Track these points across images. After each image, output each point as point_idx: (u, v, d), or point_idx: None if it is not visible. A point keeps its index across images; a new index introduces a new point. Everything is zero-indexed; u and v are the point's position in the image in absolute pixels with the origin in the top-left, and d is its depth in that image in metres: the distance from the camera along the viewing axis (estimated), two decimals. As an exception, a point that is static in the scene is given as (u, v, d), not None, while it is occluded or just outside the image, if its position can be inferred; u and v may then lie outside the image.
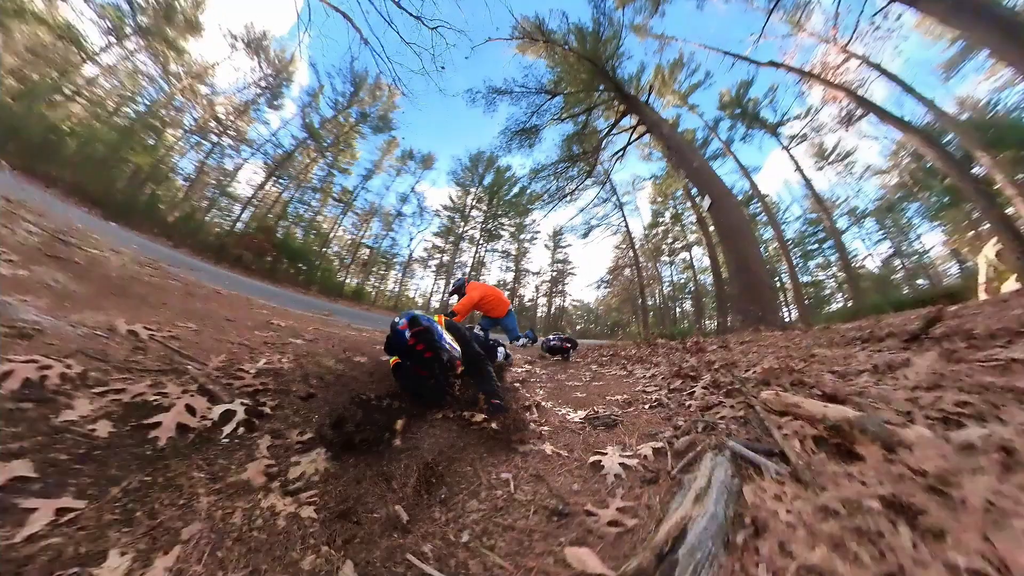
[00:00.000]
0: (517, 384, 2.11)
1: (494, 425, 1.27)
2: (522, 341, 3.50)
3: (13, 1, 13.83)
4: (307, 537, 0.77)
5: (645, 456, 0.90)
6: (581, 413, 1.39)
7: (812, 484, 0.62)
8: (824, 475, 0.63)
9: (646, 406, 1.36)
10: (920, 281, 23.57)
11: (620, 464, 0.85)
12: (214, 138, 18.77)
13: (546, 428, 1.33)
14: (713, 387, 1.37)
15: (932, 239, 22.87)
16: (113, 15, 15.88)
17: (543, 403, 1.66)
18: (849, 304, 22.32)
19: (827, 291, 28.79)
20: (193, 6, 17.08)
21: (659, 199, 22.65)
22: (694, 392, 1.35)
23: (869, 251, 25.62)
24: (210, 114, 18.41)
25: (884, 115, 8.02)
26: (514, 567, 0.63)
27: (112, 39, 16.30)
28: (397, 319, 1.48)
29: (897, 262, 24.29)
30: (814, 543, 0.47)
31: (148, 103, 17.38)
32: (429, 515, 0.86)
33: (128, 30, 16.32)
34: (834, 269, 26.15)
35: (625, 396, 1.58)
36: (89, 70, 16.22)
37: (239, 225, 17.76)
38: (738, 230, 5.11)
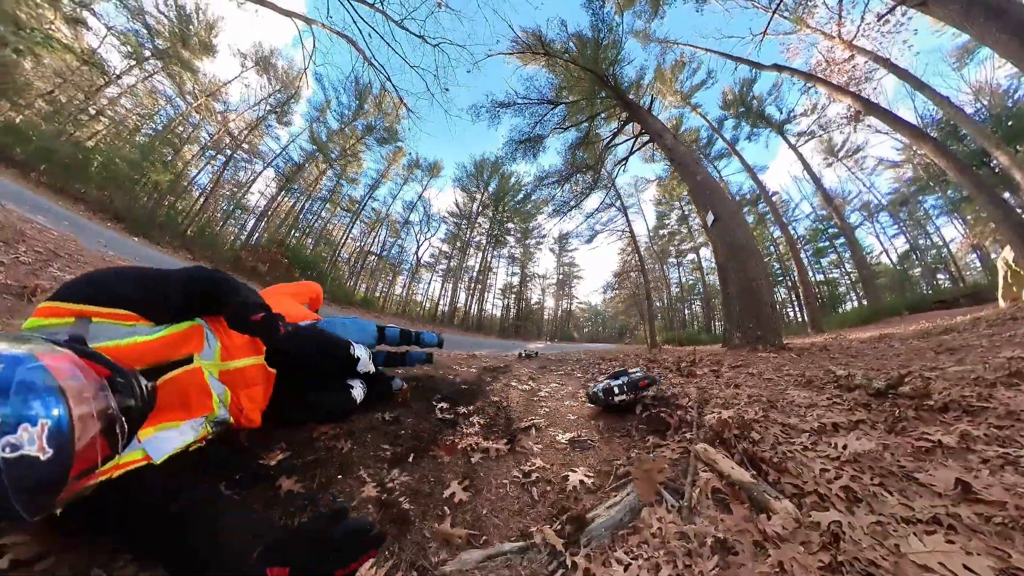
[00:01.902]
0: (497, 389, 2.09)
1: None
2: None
3: (41, 31, 14.72)
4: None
5: (596, 476, 1.22)
6: (569, 435, 1.56)
7: (686, 518, 0.88)
8: (700, 515, 0.89)
9: (618, 434, 1.57)
10: (940, 276, 22.78)
11: (580, 480, 1.15)
12: (228, 152, 19.48)
13: (539, 446, 1.44)
14: (677, 425, 1.58)
15: (951, 232, 22.17)
16: (133, 41, 16.76)
17: (538, 424, 1.71)
18: (864, 303, 21.73)
19: (842, 288, 28.09)
20: (206, 29, 17.83)
21: (664, 200, 22.47)
22: (657, 429, 1.57)
23: (884, 247, 24.96)
24: (224, 130, 19.12)
25: (893, 121, 7.83)
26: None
27: (132, 62, 17.20)
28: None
29: (914, 257, 23.54)
30: (658, 550, 0.77)
31: (166, 121, 18.22)
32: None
33: (147, 53, 17.18)
34: (847, 266, 25.54)
35: (605, 421, 1.76)
36: (111, 92, 17.17)
37: (254, 236, 18.35)
38: (742, 250, 4.96)
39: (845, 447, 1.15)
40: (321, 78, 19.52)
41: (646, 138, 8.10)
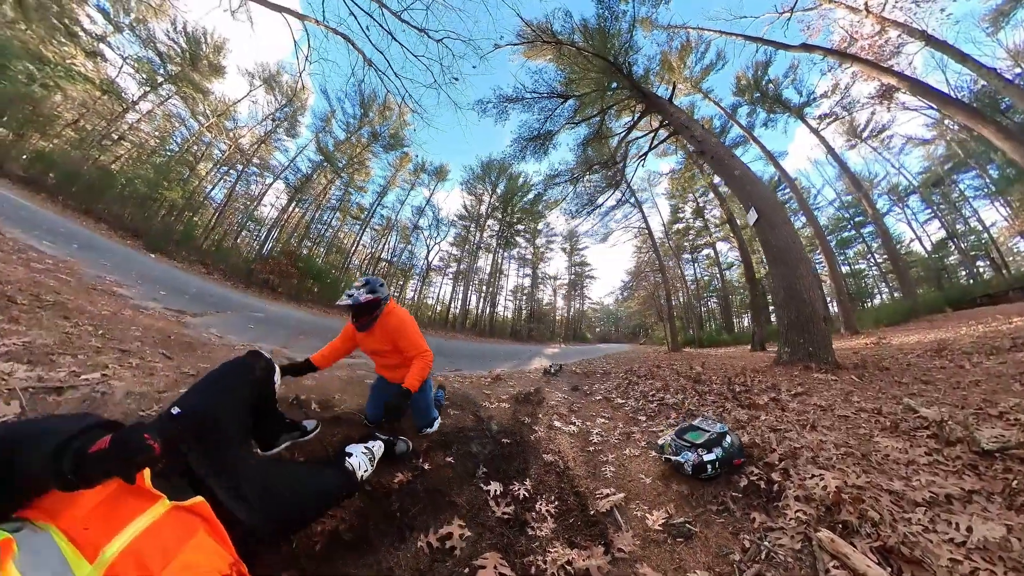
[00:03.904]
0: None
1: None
2: (436, 426, 1.77)
3: (63, 65, 15.47)
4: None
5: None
6: (659, 515, 1.31)
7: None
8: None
9: (713, 507, 1.33)
10: (980, 262, 21.06)
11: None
12: (239, 168, 19.96)
13: (636, 542, 1.16)
14: (780, 495, 1.35)
15: (991, 215, 20.44)
16: (147, 68, 17.46)
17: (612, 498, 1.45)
18: (896, 295, 20.35)
19: (868, 279, 26.41)
20: (215, 51, 18.36)
21: (677, 193, 21.68)
22: (758, 501, 1.34)
23: (916, 234, 23.31)
24: (234, 146, 19.60)
25: (946, 102, 7.07)
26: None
27: (147, 88, 17.90)
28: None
29: (951, 244, 21.85)
30: None
31: (181, 141, 18.85)
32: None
33: (160, 79, 17.86)
34: (876, 256, 23.99)
35: (687, 485, 1.54)
36: (131, 117, 17.96)
37: (268, 246, 18.68)
38: (789, 252, 4.45)
39: (970, 530, 1.03)
40: (326, 90, 19.78)
41: (669, 131, 7.60)
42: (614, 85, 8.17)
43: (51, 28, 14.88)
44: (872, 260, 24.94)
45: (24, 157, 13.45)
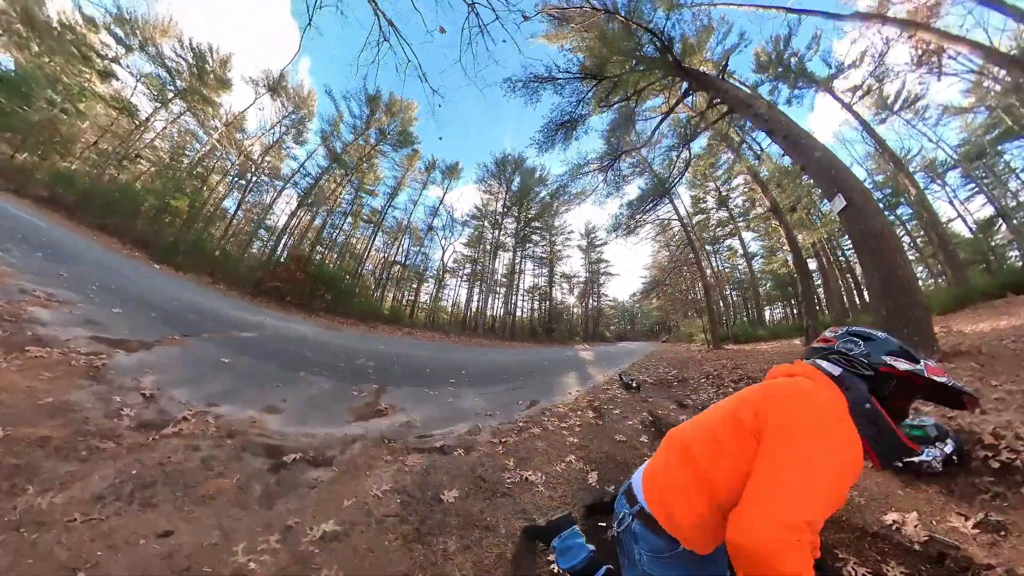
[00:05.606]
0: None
1: None
2: None
3: (78, 84, 15.73)
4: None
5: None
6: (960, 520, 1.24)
7: None
8: None
9: (986, 496, 1.31)
10: None
11: None
12: (250, 176, 20.00)
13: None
14: None
15: None
16: (157, 84, 17.70)
17: None
18: (940, 281, 18.76)
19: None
20: (221, 64, 18.46)
21: (699, 182, 20.63)
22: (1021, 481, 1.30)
23: (958, 211, 21.59)
24: (245, 156, 19.65)
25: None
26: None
27: (158, 104, 18.13)
28: None
29: (999, 220, 20.13)
30: None
31: (193, 155, 19.01)
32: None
33: (170, 94, 18.07)
34: (913, 238, 22.32)
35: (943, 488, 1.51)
36: (148, 136, 18.26)
37: (280, 251, 18.51)
38: (884, 242, 4.10)
39: None
40: (331, 91, 19.64)
41: (723, 110, 6.81)
42: (641, 68, 7.47)
43: (70, 55, 15.25)
44: (907, 242, 23.35)
45: (47, 178, 13.70)
